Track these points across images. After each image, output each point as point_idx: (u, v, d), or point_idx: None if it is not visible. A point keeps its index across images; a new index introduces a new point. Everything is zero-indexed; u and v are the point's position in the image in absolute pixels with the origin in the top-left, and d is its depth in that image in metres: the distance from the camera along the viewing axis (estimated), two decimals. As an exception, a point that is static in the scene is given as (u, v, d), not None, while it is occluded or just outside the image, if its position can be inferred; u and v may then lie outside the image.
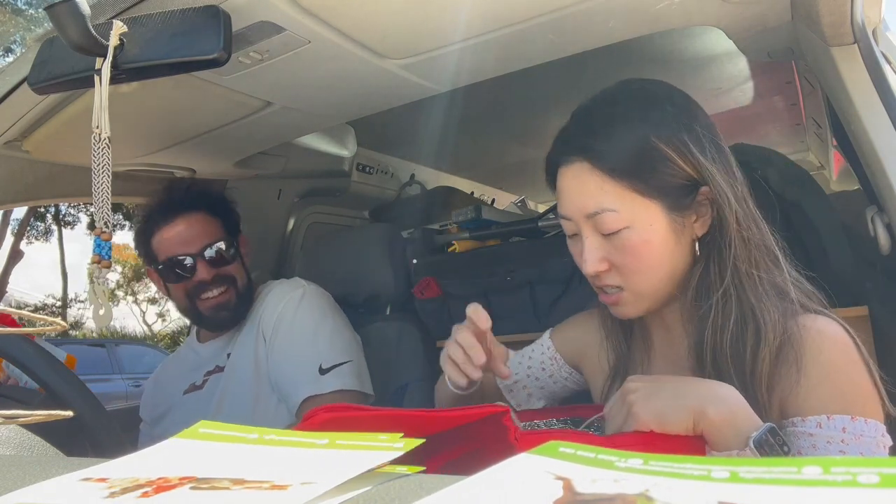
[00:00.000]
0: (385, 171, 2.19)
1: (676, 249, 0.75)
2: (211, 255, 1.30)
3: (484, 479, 0.30)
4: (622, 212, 0.72)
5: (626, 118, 0.75)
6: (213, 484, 0.33)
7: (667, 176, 0.72)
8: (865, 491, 0.22)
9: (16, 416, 0.55)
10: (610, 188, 0.72)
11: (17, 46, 8.85)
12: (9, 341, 1.03)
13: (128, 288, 19.09)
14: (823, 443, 0.66)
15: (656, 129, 0.73)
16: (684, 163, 0.72)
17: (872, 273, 1.11)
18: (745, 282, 0.73)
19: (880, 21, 1.00)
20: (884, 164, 0.87)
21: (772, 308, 0.72)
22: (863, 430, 0.66)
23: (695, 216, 0.75)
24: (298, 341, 1.29)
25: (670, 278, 0.76)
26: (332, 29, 0.93)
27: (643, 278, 0.75)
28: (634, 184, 0.72)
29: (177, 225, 1.30)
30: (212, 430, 0.43)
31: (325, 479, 0.32)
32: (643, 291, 0.76)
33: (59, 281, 15.75)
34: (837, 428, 0.66)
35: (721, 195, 0.73)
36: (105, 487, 0.34)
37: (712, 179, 0.73)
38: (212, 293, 1.30)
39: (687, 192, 0.74)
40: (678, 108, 0.76)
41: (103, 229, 0.76)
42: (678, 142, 0.72)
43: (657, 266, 0.74)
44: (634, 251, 0.73)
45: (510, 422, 0.64)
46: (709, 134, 0.75)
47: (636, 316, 0.80)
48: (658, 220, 0.73)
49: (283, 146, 1.61)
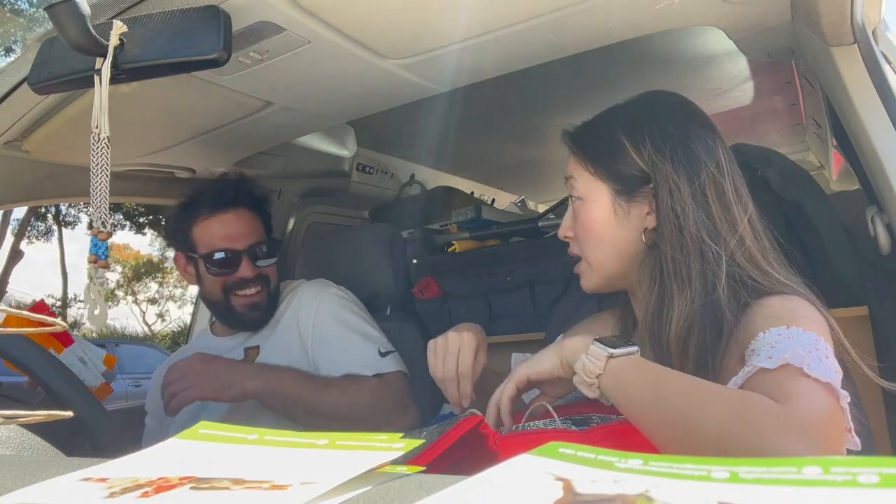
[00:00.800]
0: (385, 171, 2.19)
1: (619, 232, 0.84)
2: (255, 254, 1.31)
3: (484, 480, 0.30)
4: (579, 183, 0.86)
5: (608, 116, 0.89)
6: (213, 484, 0.33)
7: (619, 164, 0.83)
8: (865, 491, 0.22)
9: (16, 416, 0.55)
10: (576, 163, 0.87)
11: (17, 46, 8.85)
12: (9, 341, 1.03)
13: (128, 288, 19.11)
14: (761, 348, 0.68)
15: (624, 123, 0.85)
16: (636, 156, 0.82)
17: (872, 273, 1.11)
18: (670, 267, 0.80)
19: (880, 21, 1.00)
20: (884, 164, 0.87)
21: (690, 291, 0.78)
22: (798, 333, 0.67)
23: (647, 208, 0.83)
24: (353, 330, 1.33)
25: (618, 258, 0.85)
26: (332, 29, 0.93)
27: (591, 249, 0.87)
28: (589, 165, 0.85)
29: (226, 218, 1.30)
30: (211, 431, 0.43)
31: (326, 479, 0.32)
32: (592, 263, 0.87)
33: (59, 281, 15.75)
34: (774, 335, 0.68)
35: (662, 192, 0.81)
36: (105, 487, 0.34)
37: (657, 176, 0.81)
38: (249, 291, 1.31)
39: (636, 182, 0.83)
40: (657, 111, 0.86)
41: (101, 229, 0.76)
42: (637, 137, 0.82)
43: (599, 240, 0.85)
44: (583, 221, 0.86)
45: (487, 429, 0.65)
46: (682, 137, 0.82)
47: (593, 289, 0.90)
48: (603, 199, 0.84)
49: (283, 146, 1.61)
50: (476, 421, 0.64)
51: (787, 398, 0.60)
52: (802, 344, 0.66)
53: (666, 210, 0.80)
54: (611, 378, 0.68)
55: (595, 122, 0.90)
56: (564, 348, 0.75)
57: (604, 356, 0.69)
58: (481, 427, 0.64)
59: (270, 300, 1.35)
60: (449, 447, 0.59)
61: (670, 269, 0.80)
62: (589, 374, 0.69)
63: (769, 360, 0.64)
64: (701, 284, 0.78)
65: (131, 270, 19.38)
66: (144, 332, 18.63)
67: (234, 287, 1.31)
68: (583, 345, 0.72)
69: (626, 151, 0.83)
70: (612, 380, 0.68)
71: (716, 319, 0.76)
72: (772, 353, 0.66)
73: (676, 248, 0.79)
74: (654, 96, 0.89)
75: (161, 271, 19.40)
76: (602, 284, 0.89)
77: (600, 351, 0.69)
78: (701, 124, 0.85)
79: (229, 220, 1.30)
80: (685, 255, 0.79)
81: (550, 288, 1.55)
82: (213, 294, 1.34)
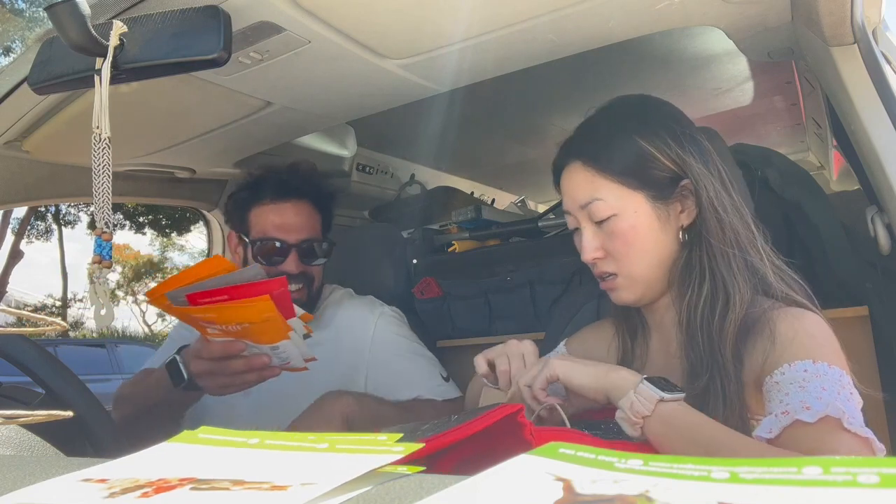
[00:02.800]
0: (385, 171, 2.19)
1: (662, 236, 0.84)
2: (304, 250, 1.27)
3: (484, 480, 0.30)
4: (609, 200, 0.83)
5: (615, 123, 0.87)
6: (212, 485, 0.33)
7: (650, 170, 0.83)
8: (865, 491, 0.22)
9: (16, 416, 0.55)
10: (599, 182, 0.83)
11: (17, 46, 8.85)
12: (9, 341, 1.03)
13: (128, 288, 19.11)
14: (787, 384, 0.69)
15: (641, 130, 0.84)
16: (664, 157, 0.83)
17: (872, 273, 1.11)
18: (718, 260, 0.80)
19: (880, 21, 1.00)
20: (884, 164, 0.87)
21: (741, 282, 0.79)
22: (825, 371, 0.68)
23: (680, 207, 0.84)
24: (416, 354, 1.31)
25: (659, 263, 0.84)
26: (332, 29, 0.93)
27: (633, 262, 0.84)
28: (620, 177, 0.83)
29: (285, 207, 1.26)
30: (212, 436, 0.43)
31: (326, 479, 0.32)
32: (634, 275, 0.85)
33: (59, 281, 15.74)
34: (799, 370, 0.69)
35: (699, 185, 0.82)
36: (105, 488, 0.34)
37: (691, 172, 0.82)
38: (291, 288, 1.24)
39: (669, 184, 0.83)
40: (661, 113, 0.87)
41: (104, 229, 0.76)
42: (659, 140, 0.83)
43: (645, 250, 0.83)
44: (623, 236, 0.83)
45: (524, 419, 0.64)
46: (689, 133, 0.85)
47: (633, 302, 0.88)
48: (642, 207, 0.83)
49: (283, 146, 1.61)
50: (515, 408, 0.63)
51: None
52: (832, 386, 0.67)
53: (707, 203, 0.82)
54: (659, 422, 0.67)
55: (603, 132, 0.87)
56: (609, 379, 0.72)
57: (655, 399, 0.67)
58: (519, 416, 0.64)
59: (310, 301, 1.30)
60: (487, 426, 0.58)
61: (719, 261, 0.80)
62: (636, 414, 0.67)
63: (806, 412, 0.64)
64: (751, 273, 0.80)
65: (131, 270, 19.37)
66: (144, 332, 18.63)
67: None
68: (631, 382, 0.70)
69: (654, 155, 0.83)
70: (659, 424, 0.67)
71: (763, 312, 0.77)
72: (805, 398, 0.66)
73: (720, 239, 0.81)
74: (638, 100, 0.90)
75: (161, 271, 19.40)
76: (644, 294, 0.87)
77: (652, 393, 0.67)
78: (690, 123, 0.88)
79: (287, 210, 1.26)
80: (728, 245, 0.80)
81: (550, 288, 1.55)
82: None
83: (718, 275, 0.80)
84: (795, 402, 0.66)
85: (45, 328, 0.66)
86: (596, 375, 0.73)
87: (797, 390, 0.67)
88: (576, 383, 0.74)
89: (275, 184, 1.27)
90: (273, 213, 1.26)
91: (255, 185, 1.29)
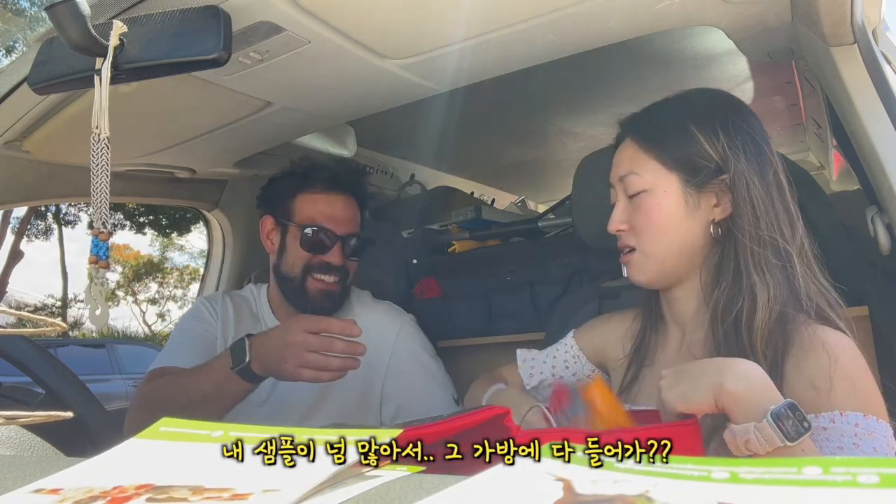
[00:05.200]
0: (385, 171, 2.19)
1: (687, 223, 0.83)
2: (349, 244, 1.29)
3: (484, 480, 0.30)
4: (644, 175, 0.84)
5: (674, 107, 0.89)
6: (170, 494, 0.32)
7: (691, 154, 0.83)
8: (865, 491, 0.22)
9: (16, 416, 0.55)
10: (640, 157, 0.85)
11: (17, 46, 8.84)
12: (9, 341, 1.03)
13: (128, 288, 19.10)
14: (837, 436, 0.68)
15: (693, 114, 0.85)
16: (710, 147, 0.82)
17: (872, 273, 1.11)
18: (749, 261, 0.79)
19: (880, 21, 1.00)
20: (884, 164, 0.87)
21: (772, 287, 0.77)
22: (875, 427, 0.68)
23: (715, 199, 0.83)
24: (431, 375, 1.31)
25: (679, 249, 0.84)
26: (332, 29, 0.93)
27: (652, 239, 0.84)
28: (660, 155, 0.84)
29: (337, 199, 1.28)
30: (174, 429, 0.41)
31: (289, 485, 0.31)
32: (651, 253, 0.85)
33: (59, 281, 15.74)
34: (851, 423, 0.69)
35: (738, 182, 0.80)
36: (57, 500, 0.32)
37: (734, 167, 0.81)
38: (329, 278, 1.27)
39: (708, 173, 0.82)
40: (723, 105, 0.86)
41: (101, 229, 0.76)
42: (709, 128, 0.83)
43: (665, 231, 0.84)
44: (648, 212, 0.84)
45: (511, 422, 0.64)
46: (750, 132, 0.83)
47: (645, 282, 0.87)
48: (673, 188, 0.83)
49: (283, 146, 1.60)
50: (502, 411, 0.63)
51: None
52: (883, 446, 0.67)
53: (744, 201, 0.80)
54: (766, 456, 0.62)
55: (659, 113, 0.89)
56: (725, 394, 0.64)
57: (776, 442, 0.61)
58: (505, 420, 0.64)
59: (342, 295, 1.32)
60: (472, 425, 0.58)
61: (749, 262, 0.79)
62: (750, 449, 0.62)
63: None
64: (783, 277, 0.78)
65: (131, 271, 19.37)
66: (144, 332, 18.63)
67: (316, 269, 1.26)
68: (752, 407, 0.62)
69: (700, 142, 0.82)
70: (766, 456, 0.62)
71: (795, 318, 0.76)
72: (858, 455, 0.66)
73: (755, 239, 0.79)
74: (712, 92, 0.90)
75: (161, 271, 19.39)
76: (657, 277, 0.87)
77: (775, 437, 0.61)
78: (760, 124, 0.86)
79: (339, 202, 1.28)
80: (763, 247, 0.79)
81: (550, 288, 1.55)
82: (292, 269, 1.28)
83: (745, 276, 0.79)
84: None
85: (45, 329, 0.66)
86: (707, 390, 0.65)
87: (851, 448, 0.67)
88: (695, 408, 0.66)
89: (329, 174, 1.29)
90: (324, 203, 1.27)
91: (304, 173, 1.30)
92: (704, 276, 0.85)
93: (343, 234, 1.27)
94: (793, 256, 0.79)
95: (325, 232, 1.26)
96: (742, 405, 0.63)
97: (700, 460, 0.28)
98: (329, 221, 1.26)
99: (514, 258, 1.64)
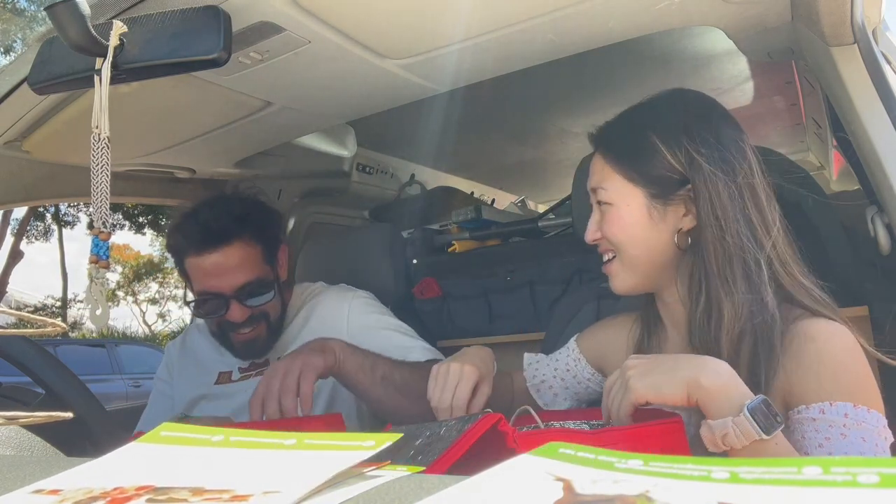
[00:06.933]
0: (385, 171, 2.19)
1: (654, 234, 0.83)
2: (246, 294, 1.18)
3: (484, 480, 0.30)
4: (610, 190, 0.85)
5: (637, 116, 0.88)
6: (170, 495, 0.31)
7: (654, 168, 0.82)
8: (865, 491, 0.22)
9: (16, 416, 0.55)
10: (606, 171, 0.85)
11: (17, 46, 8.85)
12: (9, 341, 1.03)
13: (128, 288, 19.10)
14: (825, 426, 0.69)
15: (657, 125, 0.83)
16: (673, 159, 0.81)
17: (872, 273, 1.11)
18: (714, 271, 0.79)
19: (880, 21, 1.00)
20: (884, 164, 0.87)
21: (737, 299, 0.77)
22: (864, 417, 0.68)
23: (683, 209, 0.82)
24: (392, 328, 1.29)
25: (650, 261, 0.84)
26: (332, 29, 0.93)
27: (624, 249, 0.85)
28: (624, 171, 0.84)
29: (213, 258, 1.15)
30: (174, 433, 0.41)
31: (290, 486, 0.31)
32: (626, 263, 0.85)
33: (59, 281, 15.73)
34: (840, 413, 0.69)
35: (702, 194, 0.79)
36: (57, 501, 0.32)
37: (697, 177, 0.80)
38: (244, 331, 1.21)
39: (673, 185, 0.81)
40: (689, 111, 0.84)
41: (101, 229, 0.76)
42: (672, 139, 0.81)
43: (632, 243, 0.84)
44: (612, 224, 0.85)
45: (506, 427, 0.64)
46: (716, 138, 0.81)
47: (625, 291, 0.88)
48: (637, 202, 0.83)
49: (283, 146, 1.61)
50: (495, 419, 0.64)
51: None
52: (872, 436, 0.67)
53: (706, 214, 0.79)
54: (746, 453, 0.64)
55: (622, 123, 0.88)
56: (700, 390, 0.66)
57: (753, 436, 0.62)
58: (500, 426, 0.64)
59: (271, 332, 1.25)
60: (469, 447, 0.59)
61: (714, 273, 0.78)
62: (727, 444, 0.64)
63: None
64: (747, 288, 0.77)
65: (131, 271, 19.37)
66: (144, 332, 18.63)
67: (227, 326, 1.21)
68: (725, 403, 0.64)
69: (661, 154, 0.81)
70: (745, 453, 0.64)
71: (767, 327, 0.75)
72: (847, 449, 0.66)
73: (720, 251, 0.78)
74: (679, 95, 0.88)
75: (161, 271, 19.40)
76: (636, 285, 0.87)
77: (751, 430, 0.62)
78: (731, 125, 0.84)
79: (216, 260, 1.15)
80: (728, 258, 0.78)
81: (550, 288, 1.55)
82: (209, 326, 1.27)
83: (712, 287, 0.78)
84: (837, 453, 0.66)
85: (45, 329, 0.66)
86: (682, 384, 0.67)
87: (838, 438, 0.67)
88: (667, 400, 0.68)
89: (194, 234, 1.16)
90: (201, 264, 1.16)
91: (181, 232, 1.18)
92: (681, 286, 0.85)
93: (231, 290, 1.17)
94: (762, 265, 0.77)
95: (213, 296, 1.18)
96: (716, 400, 0.65)
97: (700, 460, 0.28)
98: (214, 283, 1.16)
99: (514, 258, 1.65)
